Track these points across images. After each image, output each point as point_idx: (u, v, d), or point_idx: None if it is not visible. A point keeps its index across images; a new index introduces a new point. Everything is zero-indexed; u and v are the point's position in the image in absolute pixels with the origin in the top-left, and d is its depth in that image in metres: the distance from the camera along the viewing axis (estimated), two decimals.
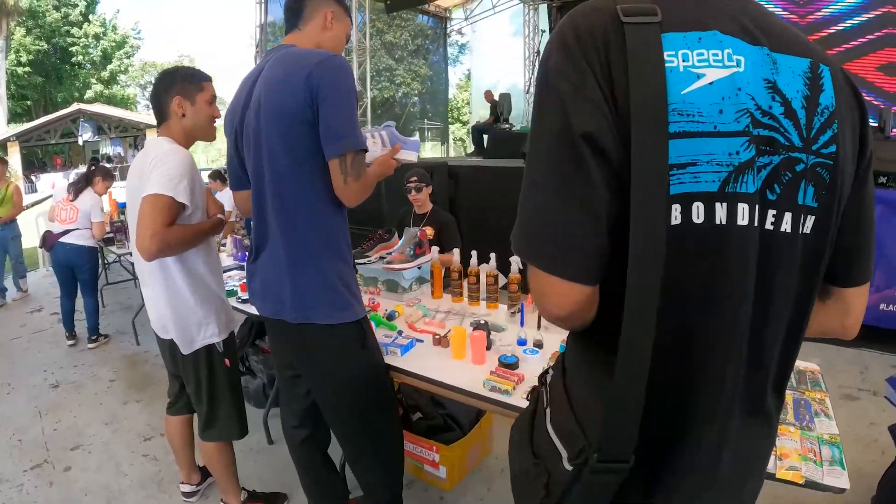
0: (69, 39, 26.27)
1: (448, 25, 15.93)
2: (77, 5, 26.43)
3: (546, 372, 0.97)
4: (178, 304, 1.99)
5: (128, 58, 28.94)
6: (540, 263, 0.72)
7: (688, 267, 0.69)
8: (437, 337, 2.06)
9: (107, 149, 20.56)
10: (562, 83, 0.68)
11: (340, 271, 1.65)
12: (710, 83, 0.67)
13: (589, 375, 0.82)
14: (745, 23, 0.71)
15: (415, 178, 3.47)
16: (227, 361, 2.14)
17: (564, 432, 0.80)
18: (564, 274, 0.70)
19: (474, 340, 1.89)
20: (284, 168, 1.55)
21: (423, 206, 3.55)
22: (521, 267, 2.33)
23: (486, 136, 10.26)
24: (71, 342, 4.60)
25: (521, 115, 12.81)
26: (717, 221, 0.68)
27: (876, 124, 4.45)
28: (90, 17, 27.16)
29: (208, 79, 2.01)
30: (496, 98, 11.24)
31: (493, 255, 2.39)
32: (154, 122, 2.04)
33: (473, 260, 2.48)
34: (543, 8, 11.93)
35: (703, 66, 0.67)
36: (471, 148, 13.09)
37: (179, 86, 1.94)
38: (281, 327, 1.71)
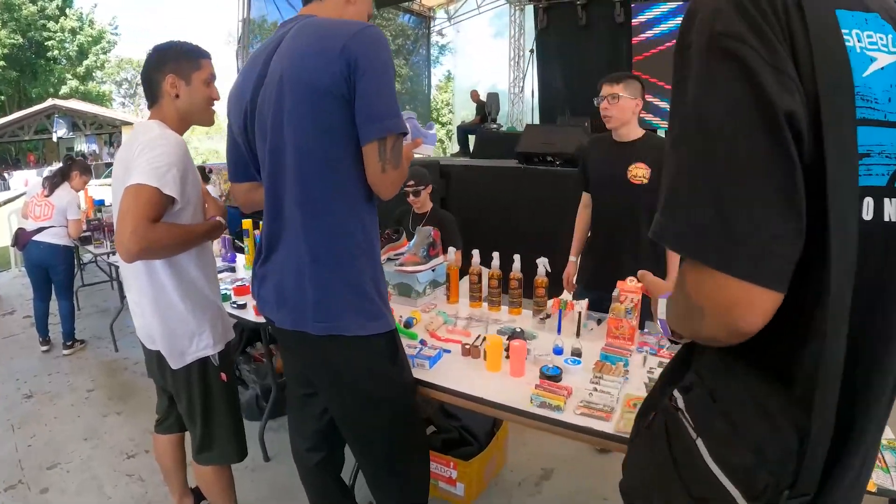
0: (45, 34, 25.68)
1: (431, 25, 15.76)
2: None
3: (670, 396, 0.82)
4: (166, 312, 1.75)
5: (104, 53, 28.39)
6: (734, 268, 0.61)
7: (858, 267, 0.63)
8: (466, 346, 1.87)
9: (81, 146, 20.03)
10: (744, 50, 0.59)
11: (372, 273, 1.44)
12: (882, 68, 0.63)
13: (751, 396, 0.72)
14: (890, 11, 0.68)
15: (412, 183, 3.24)
16: (223, 376, 1.90)
17: (736, 468, 0.70)
18: (764, 280, 0.60)
19: (514, 351, 1.70)
20: (312, 147, 1.33)
21: (422, 206, 3.38)
22: (548, 269, 2.14)
23: (471, 137, 10.03)
24: (45, 348, 4.32)
25: (505, 115, 12.73)
26: (887, 218, 0.64)
27: None
28: (67, 11, 26.57)
29: (207, 56, 1.77)
30: (482, 98, 11.09)
31: (517, 257, 2.18)
32: (130, 119, 1.79)
33: (495, 262, 2.27)
34: (530, 9, 11.83)
35: (874, 50, 0.63)
36: (452, 149, 12.93)
37: (173, 63, 1.70)
38: (298, 339, 1.47)
